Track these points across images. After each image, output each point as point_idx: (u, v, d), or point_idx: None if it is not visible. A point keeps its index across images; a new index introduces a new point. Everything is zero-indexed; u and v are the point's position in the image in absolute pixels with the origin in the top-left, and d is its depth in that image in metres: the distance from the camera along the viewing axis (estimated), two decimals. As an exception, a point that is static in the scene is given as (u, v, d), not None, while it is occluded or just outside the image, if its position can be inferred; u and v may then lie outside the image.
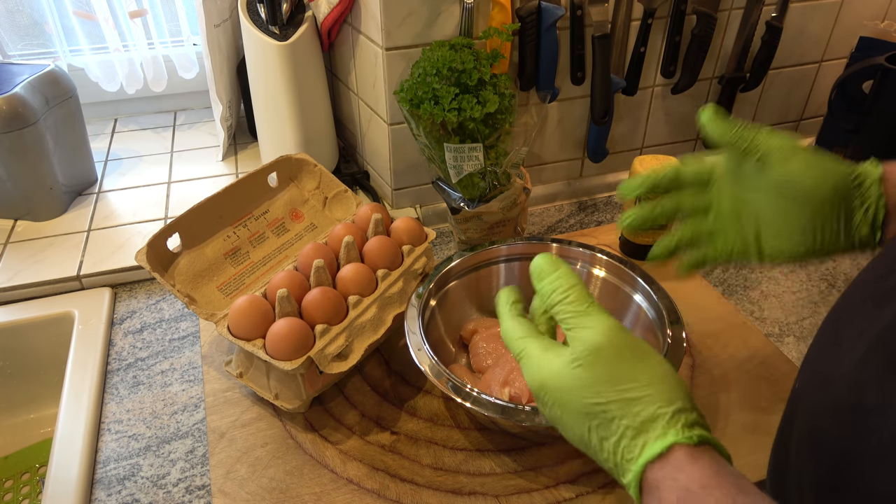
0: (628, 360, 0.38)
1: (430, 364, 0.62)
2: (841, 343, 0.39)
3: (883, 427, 0.33)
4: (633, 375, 0.38)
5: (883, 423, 0.33)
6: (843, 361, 0.38)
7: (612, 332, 0.39)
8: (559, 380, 0.39)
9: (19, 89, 0.89)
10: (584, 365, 0.39)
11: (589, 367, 0.38)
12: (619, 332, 0.40)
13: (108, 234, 0.93)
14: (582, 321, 0.40)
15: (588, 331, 0.39)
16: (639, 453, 0.36)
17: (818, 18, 1.04)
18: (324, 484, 0.61)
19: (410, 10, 0.81)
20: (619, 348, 0.39)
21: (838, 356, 0.39)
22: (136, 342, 0.79)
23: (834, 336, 0.41)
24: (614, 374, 0.38)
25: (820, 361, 0.42)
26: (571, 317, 0.40)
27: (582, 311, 0.40)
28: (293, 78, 0.94)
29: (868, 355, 0.36)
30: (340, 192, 0.84)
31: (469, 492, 0.60)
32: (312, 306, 0.65)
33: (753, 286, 0.87)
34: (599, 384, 0.38)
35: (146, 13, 1.12)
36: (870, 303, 0.39)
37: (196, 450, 0.66)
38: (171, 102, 1.27)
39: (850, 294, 0.43)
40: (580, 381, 0.39)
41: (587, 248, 0.76)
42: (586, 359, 0.39)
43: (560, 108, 0.97)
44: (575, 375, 0.39)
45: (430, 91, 0.74)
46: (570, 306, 0.41)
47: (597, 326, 0.39)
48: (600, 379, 0.38)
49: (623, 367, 0.38)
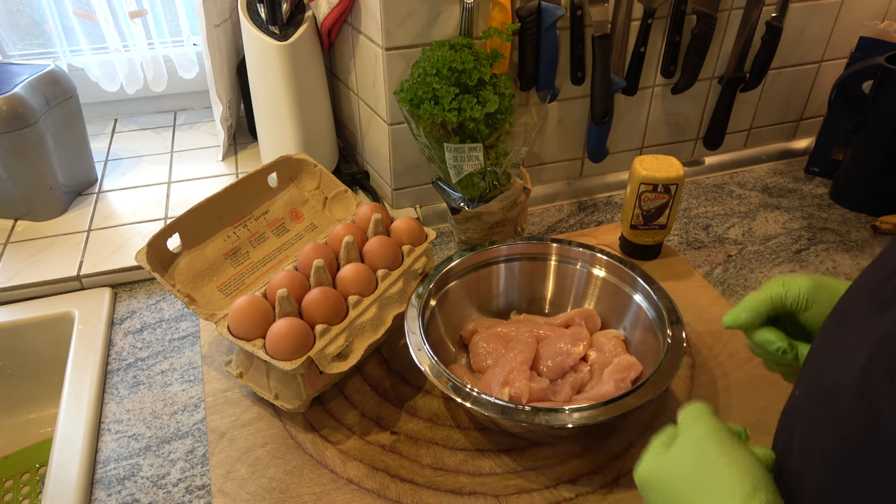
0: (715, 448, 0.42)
1: (430, 364, 0.62)
2: (841, 353, 0.39)
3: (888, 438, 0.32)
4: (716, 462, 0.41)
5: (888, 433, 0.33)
6: (844, 371, 0.38)
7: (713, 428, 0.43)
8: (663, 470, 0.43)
9: (19, 89, 0.89)
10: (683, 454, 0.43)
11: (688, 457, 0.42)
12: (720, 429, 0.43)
13: (108, 234, 0.93)
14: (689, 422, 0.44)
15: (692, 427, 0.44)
16: None
17: (818, 18, 1.04)
18: (324, 484, 0.61)
19: (410, 10, 0.81)
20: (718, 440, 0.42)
21: (839, 366, 0.38)
22: (136, 342, 0.79)
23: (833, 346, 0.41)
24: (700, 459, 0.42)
25: (820, 372, 0.42)
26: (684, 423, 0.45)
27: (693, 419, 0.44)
28: (293, 78, 0.94)
29: (870, 364, 0.36)
30: (340, 192, 0.84)
31: (469, 492, 0.60)
32: (312, 306, 0.65)
33: (753, 286, 0.87)
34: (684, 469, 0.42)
35: (146, 13, 1.12)
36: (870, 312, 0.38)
37: (196, 450, 0.66)
38: (171, 102, 1.27)
39: (847, 303, 0.43)
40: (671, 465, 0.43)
41: (587, 248, 0.76)
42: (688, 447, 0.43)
43: (560, 108, 0.97)
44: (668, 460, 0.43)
45: (430, 91, 0.74)
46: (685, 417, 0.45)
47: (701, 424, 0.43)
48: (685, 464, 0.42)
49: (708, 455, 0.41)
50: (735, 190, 1.09)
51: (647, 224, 0.86)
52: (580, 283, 0.77)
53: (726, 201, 1.05)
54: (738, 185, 1.10)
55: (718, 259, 0.92)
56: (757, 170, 1.14)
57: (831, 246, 0.94)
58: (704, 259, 0.92)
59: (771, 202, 1.05)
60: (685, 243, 0.95)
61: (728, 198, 1.06)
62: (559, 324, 0.74)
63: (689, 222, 1.00)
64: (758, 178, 1.12)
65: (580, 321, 0.74)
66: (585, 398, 0.66)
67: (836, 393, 0.38)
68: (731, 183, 1.11)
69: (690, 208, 1.04)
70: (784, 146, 1.18)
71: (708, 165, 1.13)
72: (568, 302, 0.78)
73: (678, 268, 0.88)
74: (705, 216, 1.02)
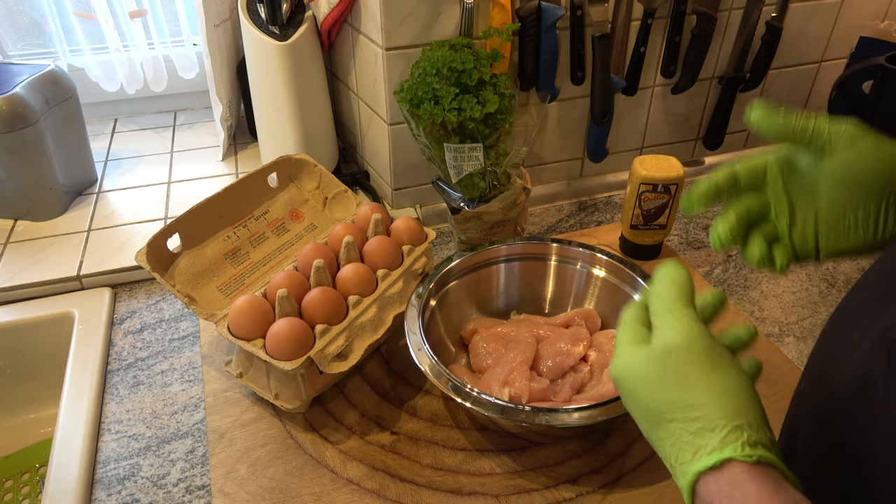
0: (700, 365, 0.38)
1: (430, 364, 0.62)
2: (846, 344, 0.39)
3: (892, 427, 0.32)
4: (699, 382, 0.38)
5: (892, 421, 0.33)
6: (848, 362, 0.38)
7: (692, 335, 0.39)
8: (632, 372, 0.40)
9: (19, 89, 0.89)
10: (655, 362, 0.39)
11: (659, 365, 0.39)
12: (700, 337, 0.39)
13: (108, 234, 0.93)
14: (667, 319, 0.40)
15: (669, 329, 0.39)
16: (690, 460, 0.36)
17: (818, 18, 1.04)
18: (324, 484, 0.61)
19: (410, 10, 0.81)
20: (695, 352, 0.38)
21: (843, 357, 0.38)
22: (136, 342, 0.79)
23: (838, 338, 0.41)
24: (681, 376, 0.38)
25: (825, 365, 0.42)
26: (660, 313, 0.41)
27: (670, 310, 0.40)
28: (293, 78, 0.94)
29: (874, 352, 0.35)
30: (340, 192, 0.84)
31: (469, 492, 0.60)
32: (312, 306, 0.65)
33: (753, 286, 0.87)
34: (664, 383, 0.38)
35: (146, 13, 1.12)
36: (876, 304, 0.38)
37: (196, 450, 0.66)
38: (171, 102, 1.27)
39: (852, 297, 0.43)
40: (648, 378, 0.39)
41: (587, 248, 0.76)
42: (659, 356, 0.39)
43: (560, 108, 0.97)
44: (645, 371, 0.39)
45: (430, 91, 0.74)
46: (662, 302, 0.41)
47: (678, 326, 0.39)
48: (667, 378, 0.38)
49: (692, 372, 0.38)
50: (735, 190, 1.08)
51: (647, 224, 0.86)
52: (580, 283, 0.77)
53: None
54: (738, 185, 1.10)
55: (718, 259, 0.92)
56: (757, 170, 1.14)
57: (831, 246, 0.94)
58: (704, 259, 0.92)
59: (771, 202, 1.05)
60: (685, 243, 0.95)
61: (728, 198, 1.06)
62: (559, 324, 0.74)
63: (689, 222, 1.00)
64: (758, 178, 1.12)
65: (580, 321, 0.74)
66: (585, 398, 0.66)
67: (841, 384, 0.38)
68: (731, 183, 1.10)
69: (690, 208, 1.03)
70: (784, 146, 1.17)
71: (708, 165, 1.13)
72: (568, 302, 0.78)
73: (678, 268, 0.88)
74: (705, 216, 1.02)
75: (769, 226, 0.50)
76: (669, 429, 0.38)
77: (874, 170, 0.45)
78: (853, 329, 0.39)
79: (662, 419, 0.38)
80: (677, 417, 0.37)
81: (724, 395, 0.37)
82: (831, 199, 0.46)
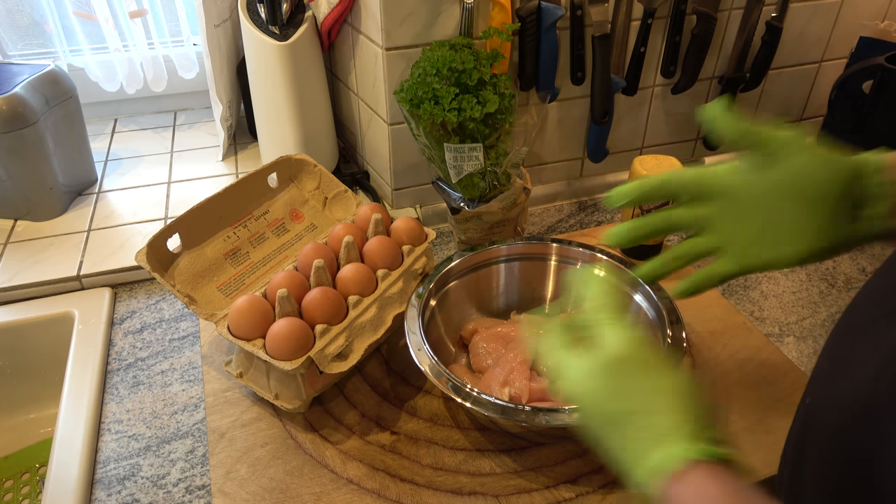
0: (646, 372, 0.39)
1: (430, 364, 0.62)
2: (853, 361, 0.39)
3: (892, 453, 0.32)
4: (648, 388, 0.39)
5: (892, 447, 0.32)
6: (856, 380, 0.37)
7: (632, 344, 0.40)
8: (584, 389, 0.41)
9: (19, 89, 0.89)
10: (605, 374, 0.40)
11: (609, 377, 0.40)
12: (639, 344, 0.40)
13: (108, 234, 0.93)
14: (606, 331, 0.41)
15: (611, 341, 0.41)
16: (649, 465, 0.37)
17: (818, 18, 1.04)
18: (324, 484, 0.61)
19: (410, 10, 0.81)
20: (639, 360, 0.40)
21: (851, 375, 0.38)
22: (136, 342, 0.79)
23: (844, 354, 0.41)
24: (631, 385, 0.39)
25: (832, 380, 0.42)
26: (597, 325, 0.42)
27: (607, 321, 0.42)
28: (293, 78, 0.94)
29: (881, 372, 0.35)
30: (340, 192, 0.84)
31: (469, 492, 0.60)
32: (312, 306, 0.65)
33: (753, 286, 0.87)
34: (617, 393, 0.39)
35: (146, 13, 1.12)
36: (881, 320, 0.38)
37: (196, 450, 0.66)
38: (171, 102, 1.27)
39: (855, 311, 0.43)
40: (601, 390, 0.40)
41: (587, 248, 0.76)
42: (608, 369, 0.40)
43: (560, 108, 0.97)
44: (596, 385, 0.40)
45: (430, 91, 0.74)
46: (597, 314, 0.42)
47: (619, 337, 0.41)
48: (618, 388, 0.39)
49: (640, 379, 0.39)
50: (735, 190, 1.08)
51: (647, 224, 0.86)
52: (580, 283, 0.77)
53: (726, 201, 1.05)
54: (738, 185, 1.10)
55: (718, 259, 0.92)
56: (757, 170, 1.14)
57: (831, 246, 0.94)
58: (704, 259, 0.92)
59: (771, 202, 1.05)
60: (685, 243, 0.95)
61: (728, 198, 1.06)
62: (559, 324, 0.74)
63: (689, 222, 1.00)
64: (758, 178, 1.12)
65: (580, 321, 0.74)
66: (585, 398, 0.66)
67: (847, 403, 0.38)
68: (731, 183, 1.10)
69: (690, 208, 1.03)
70: (784, 146, 1.17)
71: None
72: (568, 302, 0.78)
73: (678, 268, 0.88)
74: (705, 216, 1.01)
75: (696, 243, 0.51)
76: (627, 436, 0.38)
77: (823, 180, 0.45)
78: (860, 346, 0.39)
79: (618, 427, 0.39)
80: (634, 424, 0.38)
81: (672, 397, 0.38)
82: (784, 210, 0.46)
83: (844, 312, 0.44)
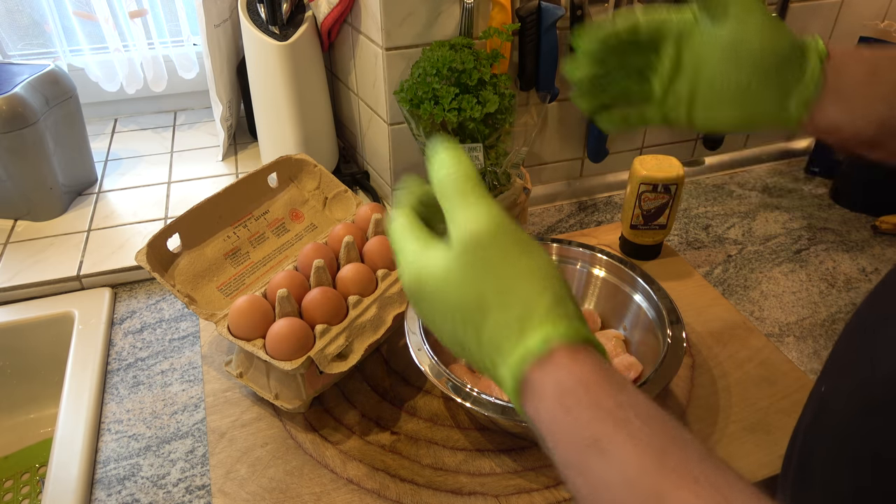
0: (510, 250, 0.35)
1: (430, 364, 0.62)
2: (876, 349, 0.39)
3: None
4: (512, 268, 0.35)
5: None
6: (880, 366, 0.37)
7: (495, 219, 0.35)
8: (433, 271, 0.36)
9: (19, 89, 0.89)
10: (461, 256, 0.35)
11: (465, 259, 0.35)
12: (503, 219, 0.36)
13: (108, 234, 0.93)
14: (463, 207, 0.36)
15: (469, 217, 0.35)
16: (514, 348, 0.33)
17: (818, 19, 1.04)
18: (324, 484, 0.61)
19: (410, 10, 0.81)
20: (503, 236, 0.35)
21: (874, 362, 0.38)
22: (136, 342, 0.79)
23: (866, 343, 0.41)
24: (493, 265, 0.35)
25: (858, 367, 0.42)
26: (453, 201, 0.36)
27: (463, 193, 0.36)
28: (293, 78, 0.94)
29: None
30: (340, 192, 0.84)
31: (469, 492, 0.60)
32: (312, 306, 0.65)
33: (753, 286, 0.87)
34: (475, 276, 0.35)
35: (146, 13, 1.13)
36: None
37: (196, 450, 0.66)
38: (171, 102, 1.27)
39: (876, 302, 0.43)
40: (454, 272, 0.35)
41: (587, 248, 0.76)
42: (465, 249, 0.35)
43: (560, 108, 0.97)
44: (448, 269, 0.35)
45: (430, 91, 0.74)
46: (452, 188, 0.36)
47: (479, 211, 0.35)
48: (476, 271, 0.35)
49: (504, 259, 0.35)
50: (735, 190, 1.09)
51: (647, 224, 0.86)
52: (580, 283, 0.77)
53: (726, 201, 1.05)
54: (738, 185, 1.10)
55: (718, 259, 0.92)
56: (757, 170, 1.14)
57: (831, 246, 0.94)
58: (704, 259, 0.92)
59: (771, 202, 1.05)
60: (685, 243, 0.95)
61: (728, 198, 1.06)
62: (559, 324, 0.74)
63: (689, 222, 1.00)
64: (758, 178, 1.12)
65: (580, 321, 0.74)
66: (585, 398, 0.66)
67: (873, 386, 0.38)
68: (730, 183, 1.11)
69: (690, 208, 1.04)
70: (784, 146, 1.18)
71: (708, 165, 1.13)
72: (568, 302, 0.78)
73: (678, 268, 0.88)
74: (705, 216, 1.02)
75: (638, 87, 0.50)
76: (484, 325, 0.34)
77: (762, 45, 0.44)
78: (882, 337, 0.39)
79: (474, 316, 0.35)
80: (493, 307, 0.34)
81: (537, 279, 0.35)
82: (716, 67, 0.46)
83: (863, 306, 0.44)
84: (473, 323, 0.35)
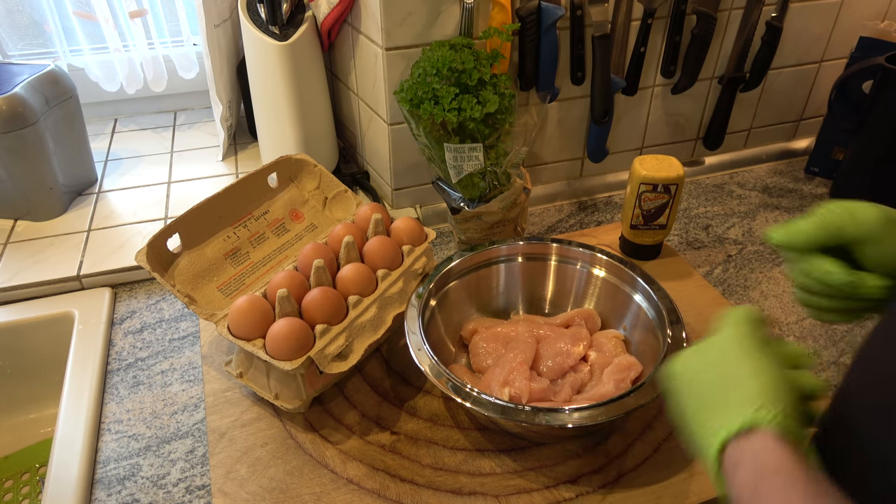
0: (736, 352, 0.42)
1: (430, 364, 0.62)
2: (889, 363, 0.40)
3: None
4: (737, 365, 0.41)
5: None
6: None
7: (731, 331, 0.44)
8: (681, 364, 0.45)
9: (19, 89, 0.89)
10: (700, 352, 0.44)
11: (703, 354, 0.44)
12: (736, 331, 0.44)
13: (108, 234, 0.93)
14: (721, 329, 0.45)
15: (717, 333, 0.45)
16: (722, 426, 0.38)
17: (818, 18, 1.04)
18: (324, 484, 0.61)
19: (410, 10, 0.81)
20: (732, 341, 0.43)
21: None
22: (136, 342, 0.79)
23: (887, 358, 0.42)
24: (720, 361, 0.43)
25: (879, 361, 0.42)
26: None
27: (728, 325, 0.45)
28: (293, 78, 0.94)
29: None
30: (340, 192, 0.84)
31: (469, 492, 0.60)
32: (312, 306, 0.65)
33: (753, 286, 0.87)
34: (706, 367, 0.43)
35: (146, 13, 1.12)
36: None
37: (196, 450, 0.66)
38: (171, 102, 1.27)
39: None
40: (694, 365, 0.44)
41: (587, 248, 0.76)
42: (703, 347, 0.44)
43: (560, 108, 0.97)
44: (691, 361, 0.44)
45: (430, 91, 0.74)
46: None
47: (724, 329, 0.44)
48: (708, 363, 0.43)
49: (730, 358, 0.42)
50: (735, 190, 1.09)
51: (647, 224, 0.86)
52: (580, 283, 0.77)
53: (726, 201, 1.05)
54: (738, 185, 1.10)
55: (718, 259, 0.92)
56: (757, 170, 1.14)
57: (831, 246, 0.94)
58: (704, 259, 0.92)
59: (771, 202, 1.05)
60: (685, 243, 0.95)
61: (728, 198, 1.06)
62: (559, 324, 0.74)
63: (689, 222, 1.00)
64: (758, 178, 1.12)
65: (580, 321, 0.74)
66: (585, 398, 0.66)
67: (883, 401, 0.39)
68: (731, 183, 1.11)
69: (690, 208, 1.04)
70: (784, 146, 1.18)
71: (708, 165, 1.13)
72: (568, 302, 0.78)
73: (678, 268, 0.88)
74: (705, 216, 1.02)
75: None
76: (707, 405, 0.41)
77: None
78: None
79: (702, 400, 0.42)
80: (715, 393, 0.41)
81: (757, 377, 0.40)
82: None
83: None
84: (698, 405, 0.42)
